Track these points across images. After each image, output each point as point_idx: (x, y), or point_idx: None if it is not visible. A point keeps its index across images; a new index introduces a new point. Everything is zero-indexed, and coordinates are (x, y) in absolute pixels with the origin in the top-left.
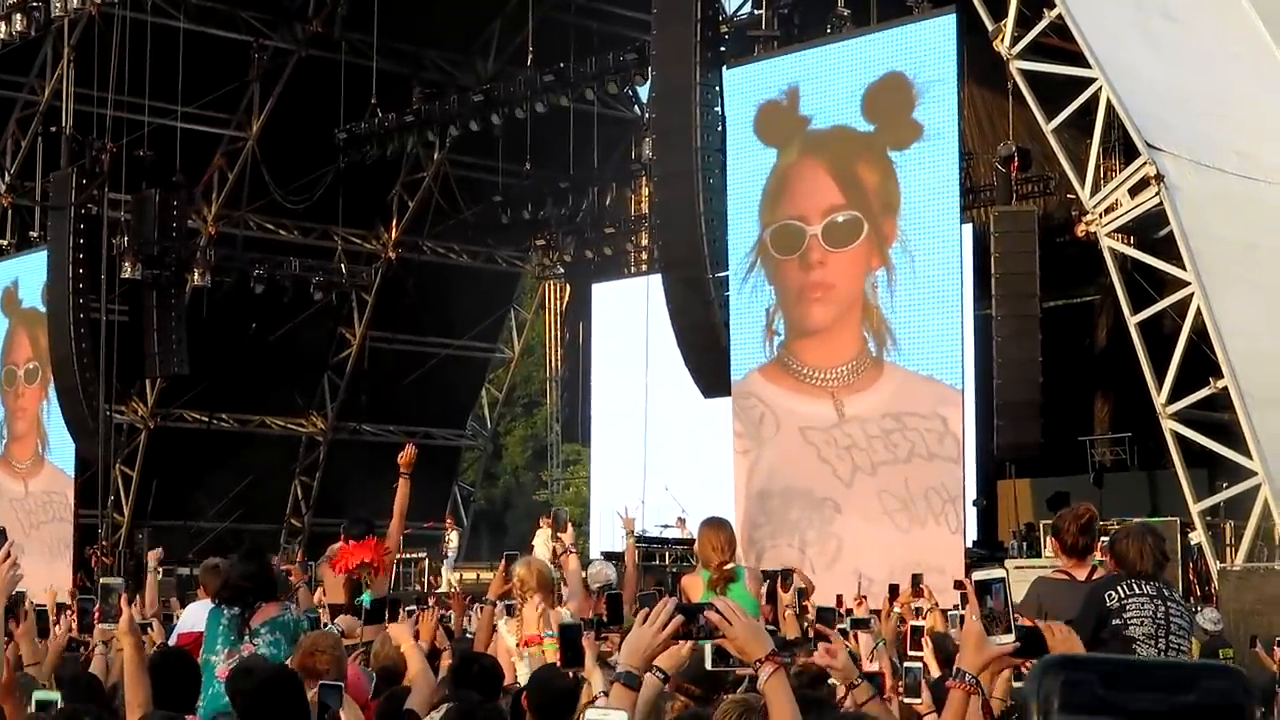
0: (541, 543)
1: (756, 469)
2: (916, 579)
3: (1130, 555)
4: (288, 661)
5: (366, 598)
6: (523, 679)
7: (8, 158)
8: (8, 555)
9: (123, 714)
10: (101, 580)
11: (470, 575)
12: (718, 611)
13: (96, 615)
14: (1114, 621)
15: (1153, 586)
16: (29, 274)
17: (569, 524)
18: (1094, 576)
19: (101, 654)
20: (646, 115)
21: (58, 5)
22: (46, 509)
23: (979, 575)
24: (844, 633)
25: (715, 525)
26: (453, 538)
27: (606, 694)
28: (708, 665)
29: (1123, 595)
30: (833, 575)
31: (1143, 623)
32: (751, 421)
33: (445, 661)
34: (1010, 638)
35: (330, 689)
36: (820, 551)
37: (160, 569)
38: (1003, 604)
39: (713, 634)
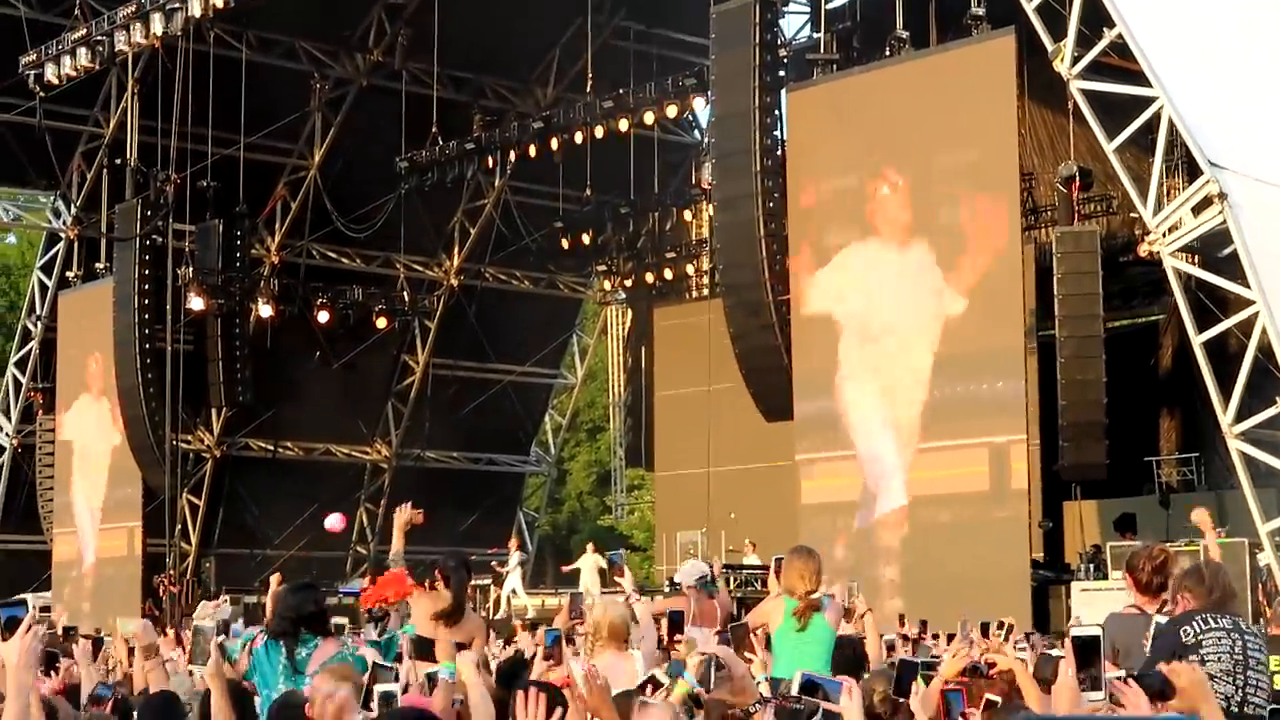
0: (589, 568)
1: None
2: (985, 626)
3: (1207, 587)
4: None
5: (410, 629)
6: None
7: (74, 190)
8: (29, 627)
9: None
10: (195, 623)
11: (535, 601)
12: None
13: (187, 656)
14: (1190, 657)
15: (1229, 620)
16: None
17: (624, 567)
18: (1163, 610)
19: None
20: (706, 139)
21: (122, 39)
22: None
23: (1077, 632)
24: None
25: (804, 554)
26: (514, 559)
27: None
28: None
29: (1199, 630)
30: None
31: (1220, 659)
32: None
33: None
34: (1101, 695)
35: None
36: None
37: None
38: (1098, 663)
39: None
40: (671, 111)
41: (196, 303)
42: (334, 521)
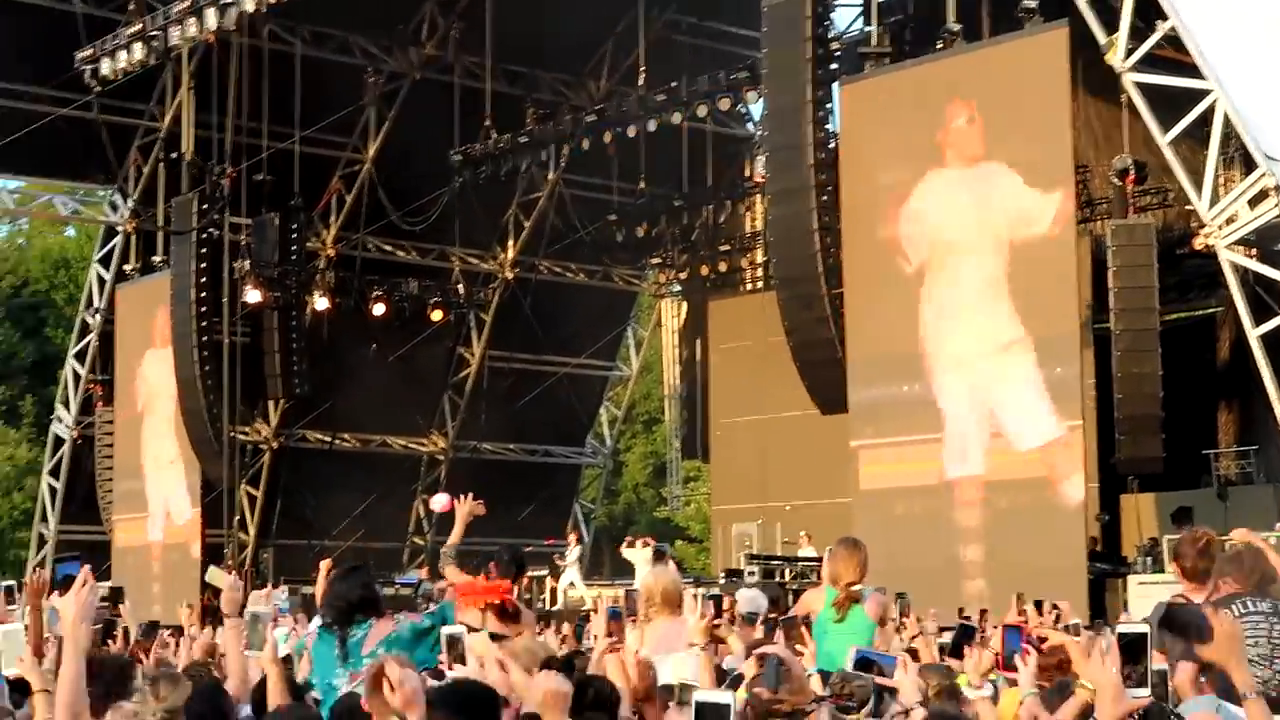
0: (642, 563)
1: None
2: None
3: (1247, 570)
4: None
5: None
6: None
7: (131, 184)
8: (85, 581)
9: None
10: (250, 610)
11: (592, 592)
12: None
13: (244, 644)
14: None
15: (1269, 604)
16: None
17: (670, 559)
18: (1211, 598)
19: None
20: (759, 132)
21: (176, 34)
22: None
23: (1123, 628)
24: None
25: (850, 546)
26: (572, 553)
27: None
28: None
29: (1239, 614)
30: None
31: (1257, 643)
32: None
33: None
34: (1146, 691)
35: None
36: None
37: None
38: (1145, 660)
39: None
40: (724, 105)
41: (253, 295)
42: (440, 501)
